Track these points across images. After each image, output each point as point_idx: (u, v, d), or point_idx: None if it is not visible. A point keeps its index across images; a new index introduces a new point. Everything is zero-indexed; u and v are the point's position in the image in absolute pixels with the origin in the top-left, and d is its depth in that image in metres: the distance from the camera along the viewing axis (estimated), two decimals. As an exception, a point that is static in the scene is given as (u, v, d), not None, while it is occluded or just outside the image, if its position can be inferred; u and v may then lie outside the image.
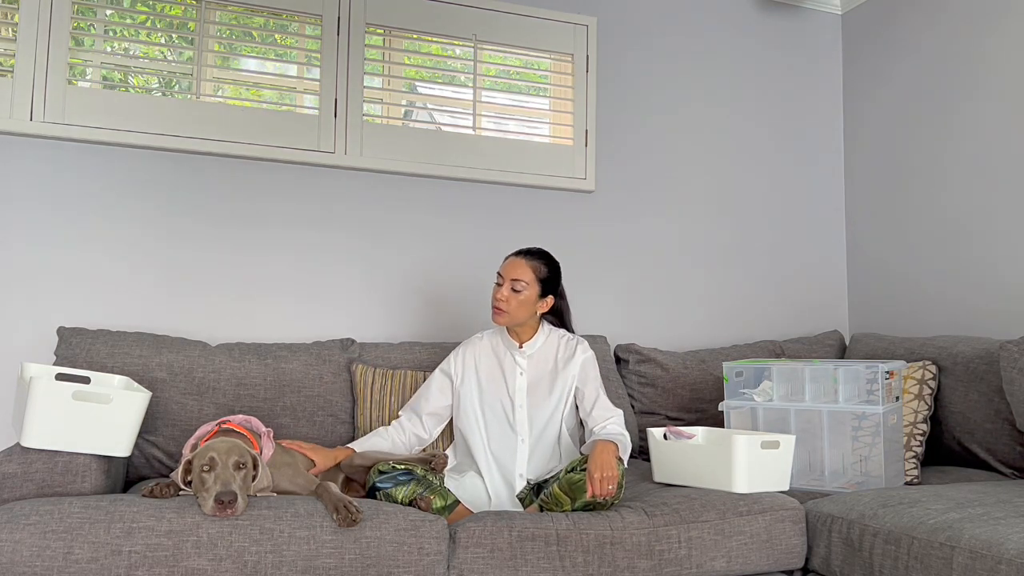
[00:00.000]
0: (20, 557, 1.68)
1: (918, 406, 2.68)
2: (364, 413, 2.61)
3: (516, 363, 2.44)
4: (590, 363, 2.43)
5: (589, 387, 2.41)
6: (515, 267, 2.38)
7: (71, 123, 2.70)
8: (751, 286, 3.55)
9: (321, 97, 2.98)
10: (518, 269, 2.37)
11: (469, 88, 3.18)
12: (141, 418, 2.01)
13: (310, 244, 2.98)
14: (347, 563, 1.83)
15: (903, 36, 3.45)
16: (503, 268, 2.40)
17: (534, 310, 2.41)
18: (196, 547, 1.76)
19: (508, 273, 2.37)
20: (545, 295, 2.41)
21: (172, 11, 2.90)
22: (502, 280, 2.38)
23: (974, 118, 3.12)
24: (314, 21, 3.01)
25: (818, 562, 2.17)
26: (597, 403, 2.38)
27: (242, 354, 2.60)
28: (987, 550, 1.73)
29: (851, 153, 3.71)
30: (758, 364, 2.59)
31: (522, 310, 2.37)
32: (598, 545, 1.98)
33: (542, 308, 2.43)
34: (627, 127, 3.42)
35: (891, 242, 3.47)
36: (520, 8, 3.25)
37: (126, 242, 2.78)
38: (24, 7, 2.67)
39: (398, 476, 2.11)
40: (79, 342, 2.48)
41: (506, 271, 2.38)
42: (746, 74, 3.62)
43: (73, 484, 1.91)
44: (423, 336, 3.08)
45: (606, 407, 2.37)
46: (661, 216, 3.44)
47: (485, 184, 3.19)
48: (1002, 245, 3.00)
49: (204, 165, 2.88)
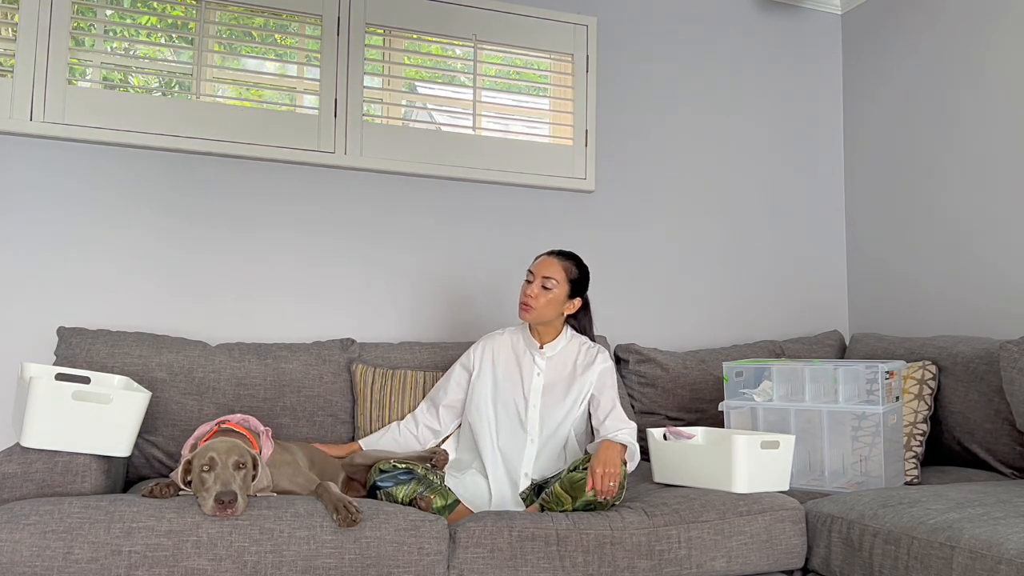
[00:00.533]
0: (20, 557, 1.68)
1: (918, 406, 2.68)
2: (364, 413, 2.61)
3: (535, 363, 2.44)
4: (608, 373, 2.44)
5: (605, 396, 2.40)
6: (547, 265, 2.40)
7: (71, 123, 2.70)
8: (751, 286, 3.55)
9: (321, 97, 2.98)
10: (550, 268, 2.40)
11: (469, 88, 3.18)
12: (141, 418, 2.01)
13: (310, 244, 2.98)
14: (347, 563, 1.84)
15: (903, 36, 3.45)
16: (535, 266, 2.43)
17: (561, 310, 2.43)
18: (196, 547, 1.76)
19: (540, 271, 2.40)
20: (573, 296, 2.44)
21: (172, 11, 2.90)
22: (532, 277, 2.40)
23: (974, 118, 3.12)
24: (314, 21, 3.01)
25: (818, 562, 2.17)
26: (612, 413, 2.37)
27: (242, 354, 2.60)
28: (987, 550, 1.73)
29: (851, 153, 3.71)
30: (758, 364, 2.59)
31: (549, 308, 2.39)
32: (598, 545, 1.98)
33: (569, 309, 2.45)
34: (627, 127, 3.42)
35: (891, 242, 3.47)
36: (520, 8, 3.25)
37: (126, 242, 2.78)
38: (24, 7, 2.67)
39: (399, 475, 2.11)
40: (79, 342, 2.48)
41: (538, 269, 2.41)
42: (746, 74, 3.62)
43: (73, 484, 1.91)
44: (423, 336, 3.08)
45: (620, 418, 2.36)
46: (661, 216, 3.44)
47: (485, 184, 3.19)
48: (1002, 245, 3.00)
49: (204, 165, 2.88)
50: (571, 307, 2.45)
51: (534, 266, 2.43)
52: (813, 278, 3.65)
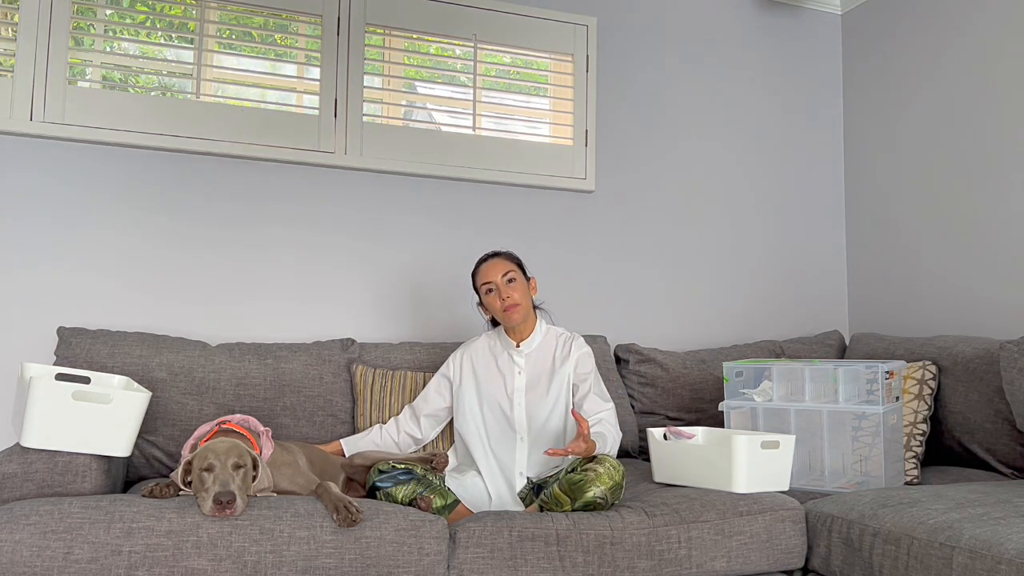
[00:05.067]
0: (20, 557, 1.68)
1: (918, 406, 2.68)
2: (364, 413, 2.61)
3: (514, 362, 2.45)
4: (585, 358, 2.45)
5: (583, 381, 2.43)
6: (497, 266, 2.42)
7: (71, 123, 2.71)
8: (751, 286, 3.55)
9: (321, 97, 2.98)
10: (500, 266, 2.42)
11: (469, 88, 3.18)
12: (141, 418, 2.01)
13: (310, 244, 2.98)
14: (347, 563, 1.83)
15: (903, 36, 3.45)
16: (487, 274, 2.42)
17: (531, 296, 2.47)
18: (196, 547, 1.76)
19: (496, 273, 2.40)
20: (528, 280, 2.48)
21: (172, 11, 2.90)
22: (493, 284, 2.40)
23: (975, 118, 3.12)
24: (314, 21, 3.01)
25: (818, 562, 2.17)
26: (587, 398, 2.39)
27: (242, 354, 2.60)
28: (987, 550, 1.73)
29: (851, 153, 3.71)
30: (758, 364, 2.59)
31: (526, 298, 2.43)
32: (598, 545, 1.98)
33: (534, 292, 2.50)
34: (627, 127, 3.42)
35: (891, 242, 3.47)
36: (520, 8, 3.25)
37: (126, 242, 2.78)
38: (24, 7, 2.67)
39: (398, 475, 2.11)
40: (79, 342, 2.48)
41: (492, 272, 2.41)
42: (746, 74, 3.62)
43: (73, 484, 1.91)
44: (423, 336, 3.08)
45: (596, 402, 2.38)
46: (661, 216, 3.44)
47: (485, 184, 3.19)
48: (1002, 245, 3.00)
49: (204, 165, 2.88)
50: (534, 289, 2.50)
51: (485, 275, 2.42)
52: (813, 278, 3.65)
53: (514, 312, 2.38)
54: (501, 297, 2.38)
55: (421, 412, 2.52)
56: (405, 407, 2.57)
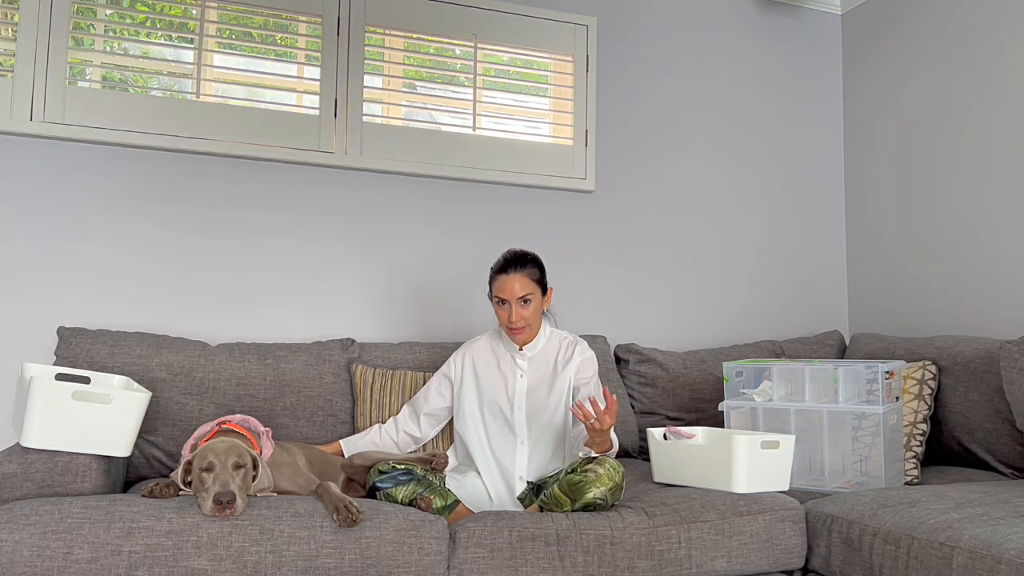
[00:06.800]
0: (20, 557, 1.68)
1: (918, 406, 2.68)
2: (364, 413, 2.61)
3: (516, 365, 2.44)
4: (588, 363, 2.44)
5: (584, 386, 2.42)
6: (515, 284, 2.33)
7: (71, 123, 2.71)
8: (751, 286, 3.55)
9: (321, 97, 2.98)
10: (519, 285, 2.33)
11: (469, 88, 3.18)
12: (141, 418, 2.01)
13: (310, 244, 2.98)
14: (347, 563, 1.83)
15: (903, 36, 3.45)
16: (503, 290, 2.33)
17: (542, 311, 2.44)
18: (196, 547, 1.76)
19: (513, 292, 2.32)
20: (544, 293, 2.43)
21: (172, 11, 2.90)
22: (506, 301, 2.34)
23: (974, 118, 3.12)
24: (314, 21, 3.01)
25: (818, 562, 2.17)
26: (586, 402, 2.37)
27: (242, 354, 2.60)
28: (987, 550, 1.73)
29: (851, 153, 3.71)
30: (758, 364, 2.59)
31: (536, 318, 2.40)
32: (598, 545, 1.98)
33: (546, 305, 2.45)
34: (627, 127, 3.42)
35: (891, 242, 3.47)
36: (520, 8, 3.25)
37: (126, 242, 2.78)
38: (24, 7, 2.67)
39: (398, 476, 2.11)
40: (79, 342, 2.48)
41: (509, 291, 2.33)
42: (746, 74, 3.62)
43: (73, 484, 1.91)
44: (423, 336, 3.08)
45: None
46: (661, 216, 3.44)
47: (485, 184, 3.19)
48: (1002, 245, 3.00)
49: (204, 165, 2.88)
50: (547, 302, 2.45)
51: (502, 290, 2.34)
52: (813, 278, 3.65)
53: (520, 333, 2.37)
54: (511, 317, 2.34)
55: (421, 411, 2.51)
56: (404, 405, 2.57)
